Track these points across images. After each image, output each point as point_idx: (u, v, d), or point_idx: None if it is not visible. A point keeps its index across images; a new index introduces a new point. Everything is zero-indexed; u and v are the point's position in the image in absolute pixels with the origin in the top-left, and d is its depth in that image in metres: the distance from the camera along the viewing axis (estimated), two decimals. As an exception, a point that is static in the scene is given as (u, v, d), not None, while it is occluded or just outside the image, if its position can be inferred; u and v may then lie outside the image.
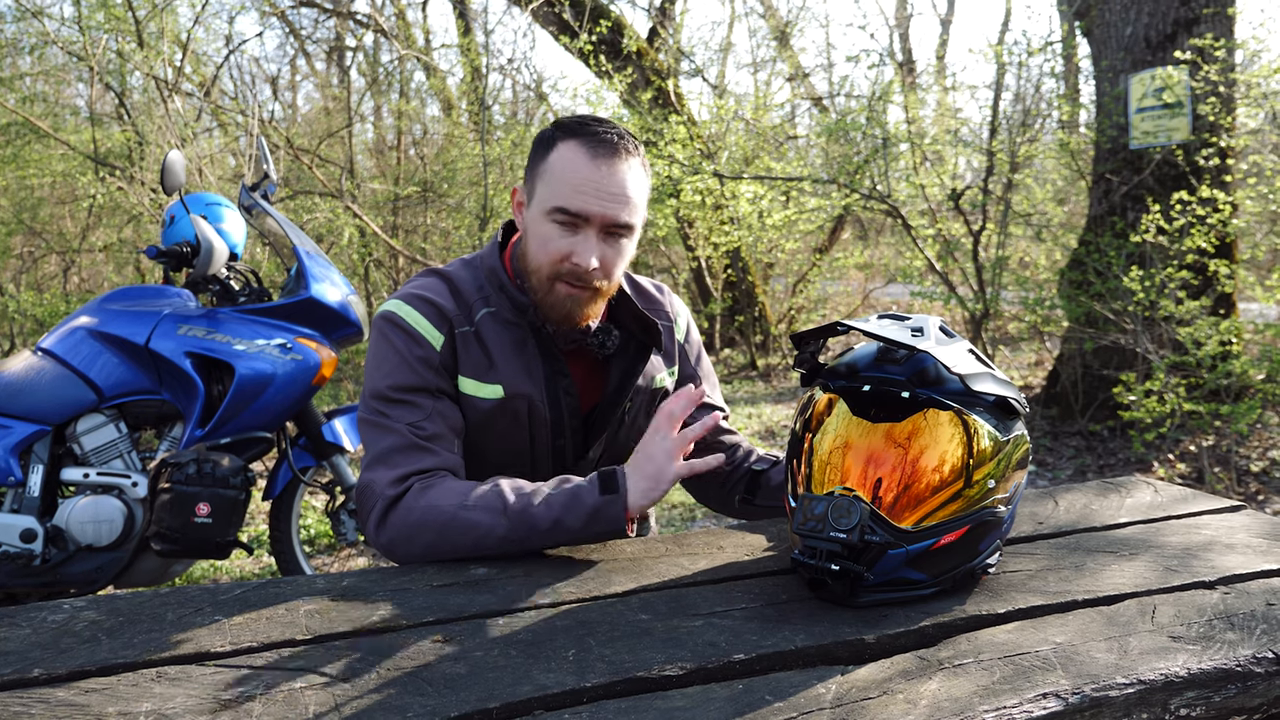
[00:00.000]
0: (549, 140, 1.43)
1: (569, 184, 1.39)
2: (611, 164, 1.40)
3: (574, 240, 1.40)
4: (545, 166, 1.42)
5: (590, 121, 1.43)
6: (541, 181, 1.42)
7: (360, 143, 11.26)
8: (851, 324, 1.21)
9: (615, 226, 1.41)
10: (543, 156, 1.43)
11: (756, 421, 6.60)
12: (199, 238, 2.95)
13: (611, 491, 1.30)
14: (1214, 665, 0.99)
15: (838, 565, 1.11)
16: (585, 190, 1.38)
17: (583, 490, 1.31)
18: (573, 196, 1.39)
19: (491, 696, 0.91)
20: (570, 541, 1.33)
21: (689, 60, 10.70)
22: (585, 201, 1.39)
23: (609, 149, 1.40)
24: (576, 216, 1.39)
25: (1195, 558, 1.31)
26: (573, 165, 1.39)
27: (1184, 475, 4.65)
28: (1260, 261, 6.75)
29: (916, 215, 7.22)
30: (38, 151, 8.04)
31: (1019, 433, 1.21)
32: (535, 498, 1.31)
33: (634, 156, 1.43)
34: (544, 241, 1.42)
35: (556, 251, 1.41)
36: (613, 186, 1.39)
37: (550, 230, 1.41)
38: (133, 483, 2.84)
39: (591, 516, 1.30)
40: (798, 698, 0.92)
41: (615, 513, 1.30)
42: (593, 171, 1.39)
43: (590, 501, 1.30)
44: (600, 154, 1.39)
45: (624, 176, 1.41)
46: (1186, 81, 5.10)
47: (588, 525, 1.31)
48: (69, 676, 0.95)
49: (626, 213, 1.41)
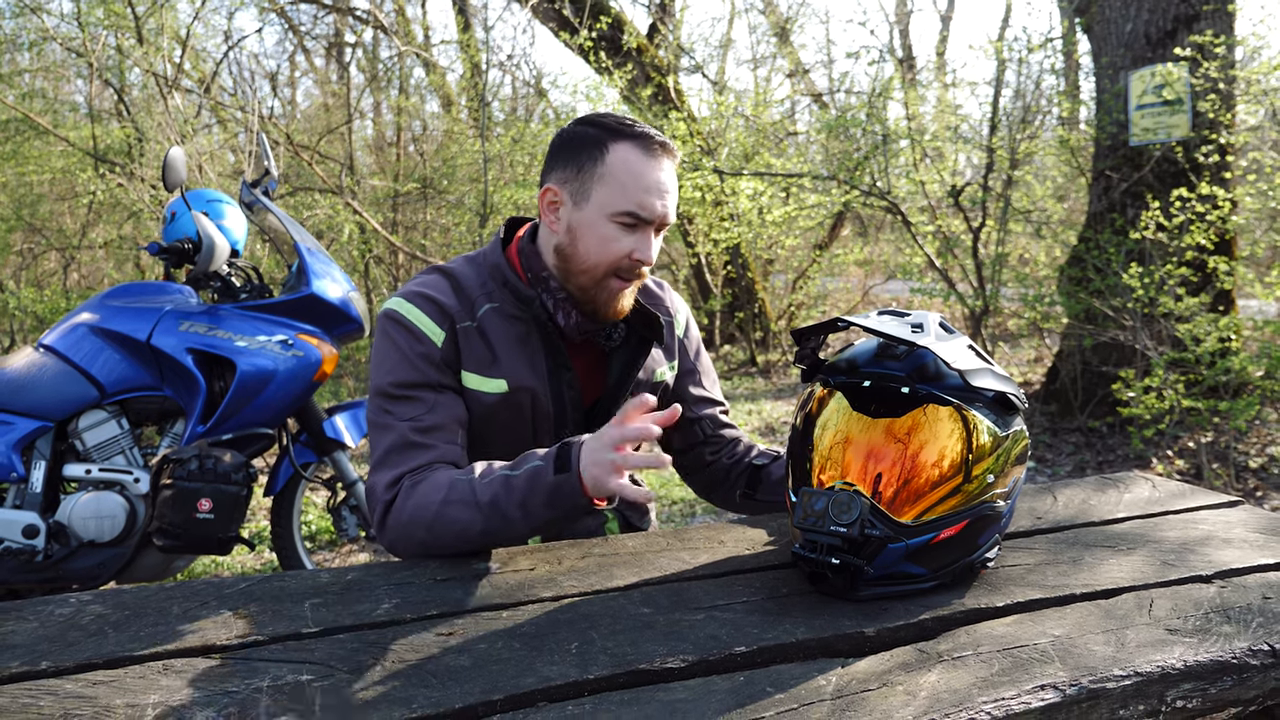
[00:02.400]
0: (597, 141, 1.45)
1: (637, 187, 1.43)
2: (665, 165, 1.46)
3: (635, 239, 1.45)
4: (602, 169, 1.44)
5: (629, 121, 1.47)
6: (600, 184, 1.44)
7: (360, 139, 11.25)
8: (852, 320, 1.22)
9: (667, 223, 1.48)
10: (595, 158, 1.44)
11: (756, 417, 6.61)
12: (200, 234, 2.95)
13: (564, 470, 1.29)
14: (1210, 658, 1.00)
15: (838, 559, 1.11)
16: (651, 192, 1.44)
17: (540, 470, 1.31)
18: (643, 199, 1.43)
19: (495, 688, 0.92)
20: (548, 522, 1.32)
21: (689, 56, 10.70)
22: (653, 204, 1.44)
23: (660, 150, 1.45)
24: (642, 219, 1.44)
25: (1192, 552, 1.32)
26: (636, 168, 1.43)
27: (1183, 471, 4.66)
28: (1259, 258, 6.76)
29: (916, 212, 7.22)
30: (37, 148, 8.03)
31: (1018, 428, 1.21)
32: (501, 485, 1.31)
33: (675, 157, 1.49)
34: (605, 241, 1.45)
35: (620, 250, 1.45)
36: (668, 187, 1.46)
37: (613, 230, 1.45)
38: (135, 479, 2.85)
39: (552, 496, 1.30)
40: (798, 689, 0.92)
41: (572, 487, 1.29)
42: (655, 174, 1.44)
43: (546, 480, 1.30)
44: (655, 155, 1.45)
45: (673, 176, 1.48)
46: (1186, 78, 5.10)
47: (550, 506, 1.30)
48: (76, 669, 0.96)
49: (674, 211, 1.49)
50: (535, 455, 1.34)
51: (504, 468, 1.35)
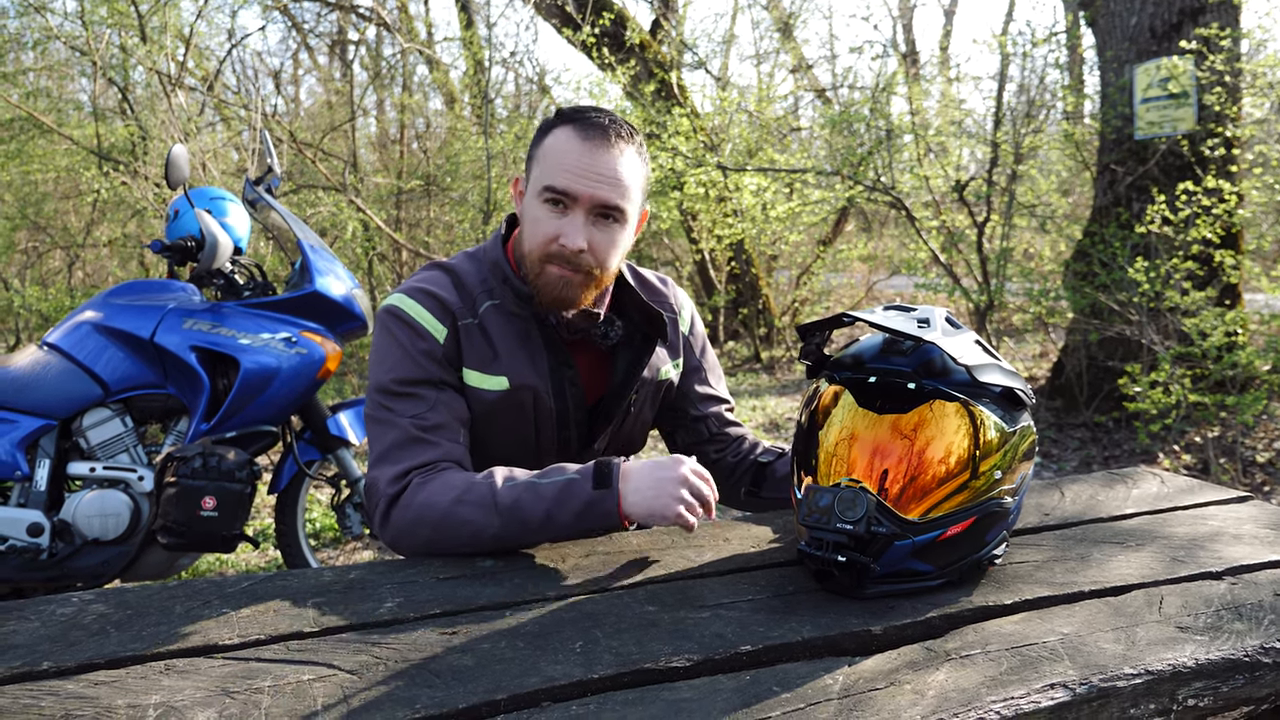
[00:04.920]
0: (546, 127, 1.46)
1: (559, 165, 1.41)
2: (602, 146, 1.41)
3: (562, 222, 1.42)
4: (540, 151, 1.45)
5: (588, 109, 1.45)
6: (536, 165, 1.45)
7: (363, 136, 11.25)
8: (857, 315, 1.21)
9: (604, 208, 1.42)
10: (539, 142, 1.46)
11: (761, 414, 6.60)
12: (204, 232, 2.95)
13: (604, 486, 1.29)
14: (1222, 656, 0.99)
15: (844, 557, 1.10)
16: (573, 170, 1.40)
17: (575, 483, 1.30)
18: (560, 175, 1.40)
19: (499, 688, 0.91)
20: (566, 535, 1.32)
21: (692, 52, 10.67)
22: (571, 180, 1.40)
23: (599, 132, 1.42)
24: (563, 194, 1.41)
25: (1202, 548, 1.31)
26: (564, 147, 1.42)
27: (1189, 466, 4.64)
28: (1266, 252, 6.73)
29: (920, 207, 7.19)
30: (41, 146, 8.04)
31: (1025, 424, 1.20)
32: (526, 491, 1.30)
33: (626, 142, 1.44)
34: (535, 223, 1.44)
35: (545, 233, 1.42)
36: (601, 168, 1.41)
37: (541, 211, 1.43)
38: (139, 477, 2.85)
39: (584, 511, 1.29)
40: (805, 689, 0.92)
41: (608, 508, 1.29)
42: (583, 153, 1.40)
43: (583, 496, 1.29)
44: (590, 136, 1.41)
45: (614, 159, 1.42)
46: (1192, 71, 5.08)
47: (580, 519, 1.30)
48: (78, 669, 0.96)
49: (616, 195, 1.42)
50: (567, 469, 1.33)
51: (530, 476, 1.33)
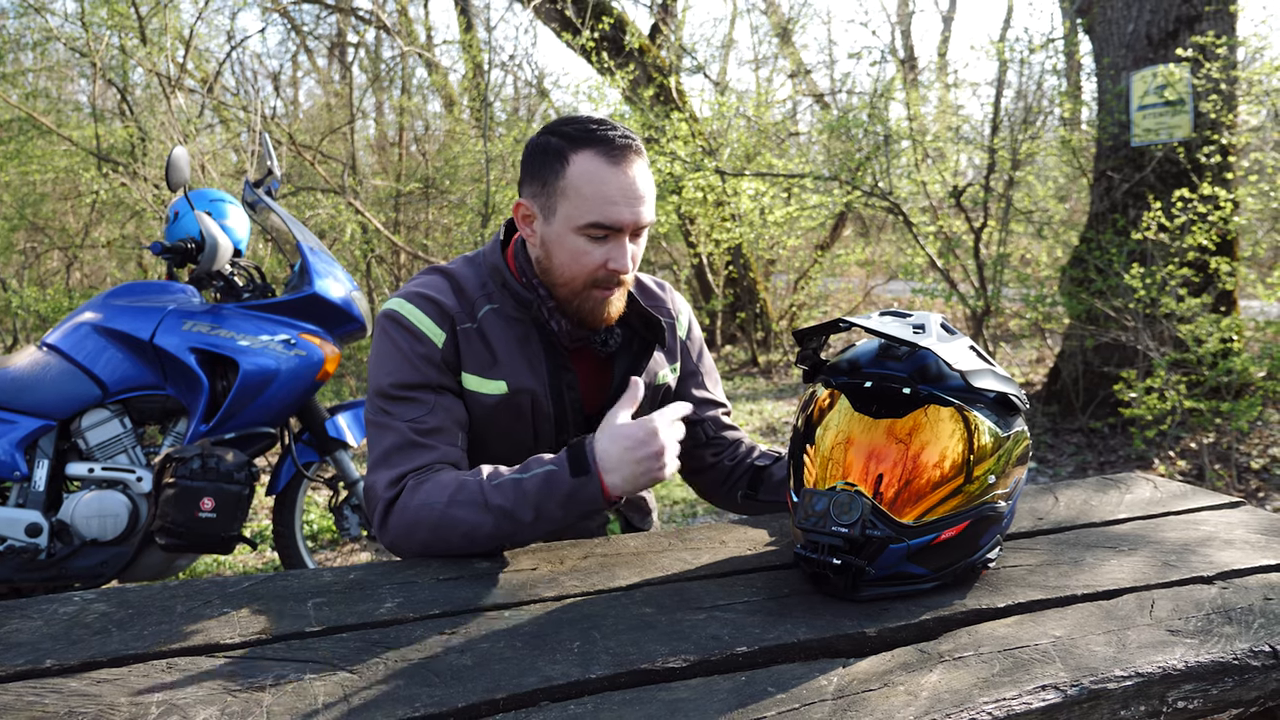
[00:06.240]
0: (558, 152, 1.40)
1: (599, 197, 1.38)
2: (631, 168, 1.40)
3: (608, 248, 1.41)
4: (565, 183, 1.39)
5: (592, 125, 1.40)
6: (564, 198, 1.40)
7: (362, 139, 11.26)
8: (854, 320, 1.22)
9: (641, 227, 1.43)
10: (556, 171, 1.40)
11: (758, 418, 6.61)
12: (203, 234, 2.96)
13: (583, 472, 1.28)
14: (1211, 659, 1.00)
15: (839, 560, 1.12)
16: (616, 201, 1.38)
17: (554, 474, 1.29)
18: (606, 210, 1.38)
19: (498, 688, 0.92)
20: (561, 524, 1.32)
21: (691, 57, 10.70)
22: (619, 213, 1.39)
23: (624, 152, 1.39)
24: (611, 229, 1.40)
25: (1194, 553, 1.32)
26: (597, 177, 1.38)
27: (1184, 472, 4.65)
28: (1261, 259, 6.75)
29: (918, 212, 7.21)
30: (41, 147, 8.05)
31: (1019, 429, 1.22)
32: (513, 488, 1.30)
33: (643, 154, 1.43)
34: (576, 255, 1.42)
35: (592, 263, 1.42)
36: (637, 190, 1.40)
37: (581, 244, 1.41)
38: (137, 478, 2.86)
39: (569, 500, 1.29)
40: (800, 689, 0.93)
41: (593, 493, 1.29)
42: (619, 180, 1.38)
43: (564, 486, 1.29)
44: (618, 160, 1.39)
45: (643, 177, 1.41)
46: (1188, 79, 5.10)
47: (567, 508, 1.30)
48: (81, 667, 0.96)
49: (649, 212, 1.43)
50: (543, 459, 1.33)
51: (512, 471, 1.33)
